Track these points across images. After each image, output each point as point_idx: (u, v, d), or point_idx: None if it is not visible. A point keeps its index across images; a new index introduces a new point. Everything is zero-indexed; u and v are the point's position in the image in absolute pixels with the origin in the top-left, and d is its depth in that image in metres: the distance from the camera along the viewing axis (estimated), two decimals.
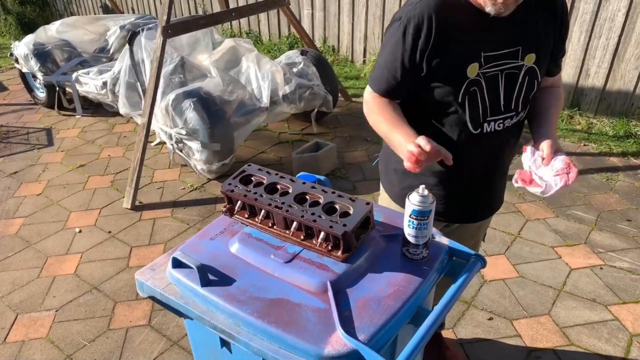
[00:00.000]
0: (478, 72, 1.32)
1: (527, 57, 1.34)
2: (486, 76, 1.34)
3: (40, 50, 4.77)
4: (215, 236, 1.28)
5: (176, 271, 1.17)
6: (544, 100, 1.48)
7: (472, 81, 1.33)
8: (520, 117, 1.45)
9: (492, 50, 1.31)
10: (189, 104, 3.32)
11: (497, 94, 1.36)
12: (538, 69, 1.38)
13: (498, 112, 1.39)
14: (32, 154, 4.20)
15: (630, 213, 3.01)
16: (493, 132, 1.41)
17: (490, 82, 1.35)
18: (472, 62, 1.31)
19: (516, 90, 1.38)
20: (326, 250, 1.15)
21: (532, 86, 1.40)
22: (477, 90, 1.34)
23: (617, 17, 3.71)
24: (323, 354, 0.95)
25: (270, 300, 1.07)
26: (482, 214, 1.66)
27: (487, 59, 1.32)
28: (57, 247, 2.97)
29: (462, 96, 1.34)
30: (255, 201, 1.24)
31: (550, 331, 2.22)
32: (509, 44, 1.32)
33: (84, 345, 2.27)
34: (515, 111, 1.42)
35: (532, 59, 1.35)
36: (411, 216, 1.11)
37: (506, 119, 1.41)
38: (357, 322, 1.00)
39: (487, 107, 1.37)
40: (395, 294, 1.07)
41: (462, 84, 1.33)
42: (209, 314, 1.09)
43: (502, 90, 1.36)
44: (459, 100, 1.35)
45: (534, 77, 1.39)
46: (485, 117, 1.38)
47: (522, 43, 1.33)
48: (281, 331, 0.99)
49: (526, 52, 1.34)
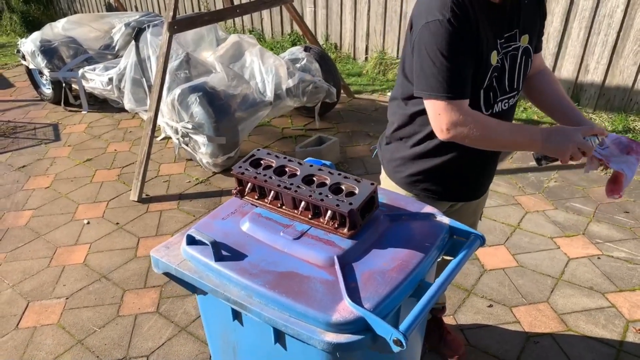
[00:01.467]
0: (497, 59, 1.39)
1: (523, 37, 1.43)
2: (501, 61, 1.42)
3: (46, 47, 4.84)
4: (227, 216, 1.34)
5: (190, 248, 1.23)
6: (548, 88, 1.57)
7: (495, 68, 1.39)
8: (519, 95, 1.55)
9: (502, 37, 1.39)
10: (194, 99, 3.38)
11: (504, 75, 1.44)
12: (531, 48, 1.48)
13: (504, 92, 1.47)
14: (40, 148, 4.27)
15: (628, 205, 3.06)
16: (501, 111, 1.49)
17: (501, 64, 1.42)
18: (493, 50, 1.37)
19: (517, 70, 1.46)
20: (333, 228, 1.21)
21: (527, 65, 1.49)
22: (498, 75, 1.42)
23: (616, 13, 3.76)
24: (331, 320, 1.01)
25: (281, 273, 1.13)
26: (483, 190, 1.75)
27: (501, 45, 1.39)
28: (66, 237, 3.04)
29: (488, 82, 1.39)
30: (265, 182, 1.30)
31: (549, 317, 2.27)
32: (510, 27, 1.40)
33: (94, 331, 2.33)
34: (517, 90, 1.51)
35: (527, 39, 1.45)
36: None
37: (510, 98, 1.50)
38: (363, 293, 1.06)
39: (497, 88, 1.44)
40: (398, 267, 1.13)
41: (488, 71, 1.37)
42: (223, 286, 1.15)
43: (507, 71, 1.44)
44: (485, 86, 1.39)
45: (529, 56, 1.48)
46: (496, 98, 1.45)
47: (518, 25, 1.41)
48: (291, 300, 1.05)
49: (522, 33, 1.43)
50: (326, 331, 1.01)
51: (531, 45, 1.47)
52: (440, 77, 1.29)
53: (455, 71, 1.29)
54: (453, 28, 1.25)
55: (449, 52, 1.27)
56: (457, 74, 1.29)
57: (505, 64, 1.42)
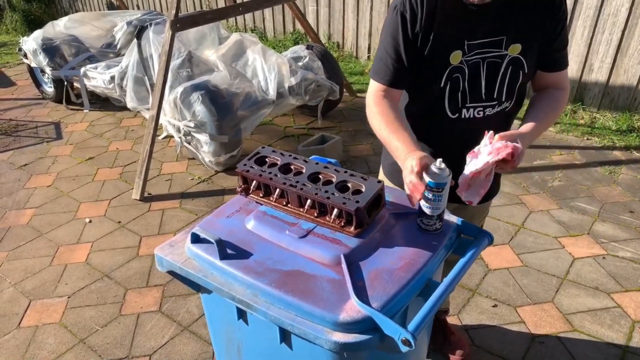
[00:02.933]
0: (461, 60, 1.36)
1: (512, 47, 1.35)
2: (468, 64, 1.37)
3: (48, 46, 4.82)
4: (232, 214, 1.32)
5: (195, 246, 1.21)
6: (538, 103, 1.45)
7: (454, 68, 1.36)
8: (504, 107, 1.44)
9: (476, 39, 1.34)
10: (197, 97, 3.37)
11: (478, 82, 1.38)
12: (524, 60, 1.37)
13: (478, 99, 1.41)
14: (42, 147, 4.26)
15: (633, 205, 3.04)
16: (472, 118, 1.44)
17: (472, 69, 1.37)
18: (456, 50, 1.35)
19: (498, 80, 1.38)
20: (339, 226, 1.20)
21: (516, 76, 1.39)
22: (460, 77, 1.38)
23: (621, 12, 3.74)
24: (338, 320, 0.99)
25: (286, 272, 1.11)
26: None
27: (470, 47, 1.35)
28: (67, 236, 3.02)
29: (444, 82, 1.38)
30: (270, 180, 1.29)
31: (554, 318, 2.26)
32: (492, 33, 1.34)
33: (96, 330, 2.32)
34: (498, 100, 1.42)
35: (517, 49, 1.35)
36: (427, 188, 1.15)
37: (487, 107, 1.42)
38: (370, 291, 1.05)
39: (466, 93, 1.40)
40: (406, 266, 1.11)
41: (445, 70, 1.37)
42: (228, 285, 1.13)
43: (483, 78, 1.38)
44: (441, 85, 1.39)
45: (519, 67, 1.38)
46: (464, 103, 1.41)
47: (506, 33, 1.33)
48: (297, 300, 1.04)
49: (510, 42, 1.34)
50: (333, 331, 1.00)
51: (524, 56, 1.36)
52: (376, 60, 1.43)
53: (384, 58, 1.40)
54: (400, 20, 1.34)
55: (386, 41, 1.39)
56: (385, 61, 1.40)
57: (480, 70, 1.37)
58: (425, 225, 1.22)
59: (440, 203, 1.17)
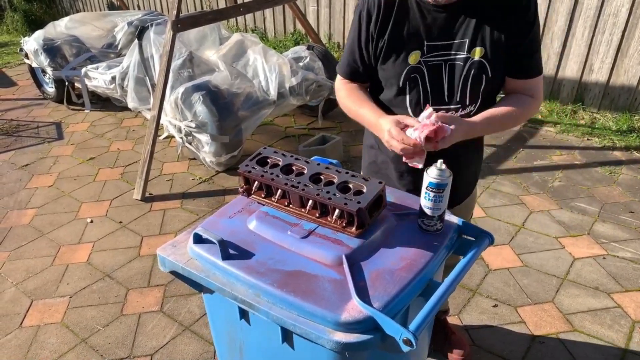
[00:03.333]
0: (420, 60, 1.37)
1: (474, 50, 1.34)
2: (428, 64, 1.37)
3: (49, 46, 4.83)
4: (234, 215, 1.33)
5: (197, 246, 1.22)
6: (502, 102, 1.42)
7: (413, 68, 1.37)
8: (469, 110, 1.42)
9: (435, 40, 1.35)
10: (198, 97, 3.38)
11: (440, 84, 1.39)
12: (488, 64, 1.35)
13: (441, 101, 1.40)
14: (43, 147, 4.27)
15: (633, 205, 3.05)
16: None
17: (433, 71, 1.37)
18: (414, 50, 1.36)
19: (460, 82, 1.37)
20: (341, 227, 1.20)
21: (479, 80, 1.37)
22: (418, 77, 1.38)
23: (621, 12, 3.75)
24: (340, 320, 1.00)
25: (288, 272, 1.12)
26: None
27: (429, 48, 1.35)
28: (69, 236, 3.03)
29: (403, 81, 1.40)
30: (272, 181, 1.29)
31: (554, 318, 2.26)
32: (454, 35, 1.34)
33: (98, 330, 2.33)
34: (462, 103, 1.41)
35: (480, 52, 1.34)
36: (428, 188, 1.16)
37: (450, 110, 1.41)
38: (372, 292, 1.06)
39: (428, 94, 1.41)
40: (407, 266, 1.12)
41: (404, 70, 1.38)
42: (230, 285, 1.14)
43: (445, 80, 1.38)
44: (400, 84, 1.41)
45: (482, 71, 1.35)
46: (426, 104, 1.41)
47: (469, 36, 1.33)
48: (299, 299, 1.05)
49: (473, 45, 1.33)
50: (335, 330, 1.01)
51: (488, 60, 1.34)
52: (343, 55, 1.54)
53: (346, 54, 1.50)
54: (358, 19, 1.42)
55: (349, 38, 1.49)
56: (346, 57, 1.50)
57: (442, 72, 1.37)
58: (426, 225, 1.22)
59: (441, 204, 1.18)
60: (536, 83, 1.42)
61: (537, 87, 1.43)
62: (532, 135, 4.01)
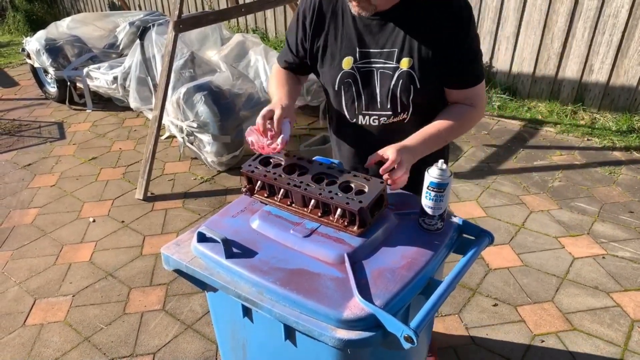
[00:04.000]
0: (352, 66, 1.40)
1: (403, 60, 1.34)
2: (361, 71, 1.40)
3: (51, 46, 4.85)
4: (237, 214, 1.35)
5: (201, 245, 1.24)
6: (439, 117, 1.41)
7: (346, 73, 1.41)
8: (402, 117, 1.43)
9: (367, 48, 1.38)
10: (199, 98, 3.39)
11: (373, 91, 1.41)
12: (416, 75, 1.35)
13: (374, 107, 1.44)
14: (45, 147, 4.29)
15: (632, 205, 3.06)
16: (369, 125, 1.47)
17: (365, 77, 1.40)
18: (348, 55, 1.40)
19: (390, 90, 1.39)
20: (343, 226, 1.22)
21: (407, 90, 1.37)
22: (352, 82, 1.42)
23: (621, 13, 3.76)
24: (342, 317, 1.02)
25: (291, 271, 1.13)
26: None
27: (361, 54, 1.39)
28: (71, 235, 3.05)
29: (338, 85, 1.44)
30: (275, 180, 1.31)
31: (554, 317, 2.28)
32: (385, 44, 1.36)
33: (100, 329, 2.34)
34: (393, 110, 1.42)
35: (408, 63, 1.34)
36: (429, 188, 1.18)
37: (382, 116, 1.44)
38: (373, 290, 1.07)
39: (362, 100, 1.44)
40: (408, 265, 1.14)
41: (338, 74, 1.42)
42: (233, 283, 1.16)
43: (377, 87, 1.40)
44: (336, 88, 1.45)
45: (411, 82, 1.36)
46: (360, 109, 1.45)
47: (397, 45, 1.34)
48: (302, 297, 1.06)
49: (401, 55, 1.34)
50: (337, 328, 1.02)
51: (415, 71, 1.34)
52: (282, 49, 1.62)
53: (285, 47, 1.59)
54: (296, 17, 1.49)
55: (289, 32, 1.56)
56: (285, 50, 1.59)
57: (374, 79, 1.39)
58: (427, 225, 1.24)
59: (441, 203, 1.20)
60: (475, 92, 1.41)
61: (477, 96, 1.42)
62: (532, 136, 4.02)
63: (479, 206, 3.12)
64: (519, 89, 4.57)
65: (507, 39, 4.45)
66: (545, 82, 4.38)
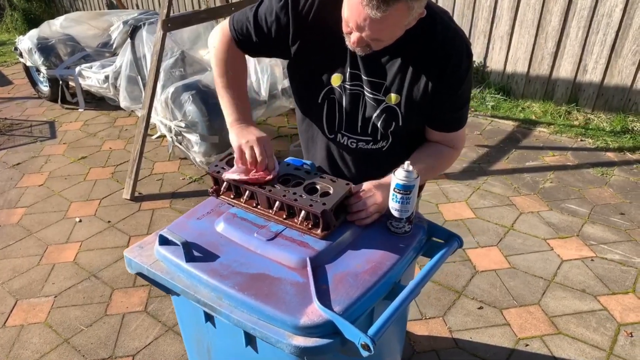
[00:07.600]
0: (341, 84, 1.33)
1: (390, 95, 1.30)
2: (347, 91, 1.33)
3: (44, 45, 4.83)
4: (202, 216, 1.32)
5: (163, 248, 1.21)
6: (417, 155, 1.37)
7: (333, 89, 1.35)
8: (380, 145, 1.40)
9: (358, 70, 1.30)
10: (187, 97, 3.37)
11: (355, 113, 1.36)
12: (400, 113, 1.31)
13: (354, 131, 1.38)
14: (35, 146, 4.27)
15: (624, 207, 3.03)
16: (346, 145, 1.42)
17: (352, 98, 1.34)
18: (337, 72, 1.32)
19: (372, 120, 1.35)
20: (307, 229, 1.19)
21: (388, 123, 1.34)
22: (336, 100, 1.36)
23: (615, 12, 3.72)
24: (299, 324, 0.99)
25: (252, 275, 1.11)
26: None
27: (352, 76, 1.31)
28: (57, 236, 3.03)
29: (322, 99, 1.37)
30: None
31: (539, 320, 2.25)
32: (375, 74, 1.29)
33: (81, 330, 2.32)
34: (373, 138, 1.38)
35: (395, 99, 1.30)
36: (395, 190, 1.15)
37: (360, 141, 1.40)
38: (334, 295, 1.04)
39: (343, 120, 1.38)
40: (372, 269, 1.11)
41: (324, 88, 1.35)
42: (193, 288, 1.13)
43: (360, 113, 1.35)
44: (319, 101, 1.38)
45: (394, 117, 1.32)
46: (340, 128, 1.39)
47: (388, 79, 1.29)
48: (260, 303, 1.03)
49: (389, 90, 1.29)
50: (294, 335, 0.99)
51: (400, 108, 1.30)
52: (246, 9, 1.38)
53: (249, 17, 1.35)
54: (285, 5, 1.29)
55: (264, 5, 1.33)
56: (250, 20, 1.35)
57: (360, 103, 1.34)
58: (394, 227, 1.21)
59: (408, 205, 1.17)
60: (457, 135, 1.39)
61: (458, 138, 1.40)
62: (525, 136, 3.98)
63: (468, 207, 3.09)
64: (513, 88, 4.53)
65: (501, 38, 4.41)
66: (539, 82, 4.34)
